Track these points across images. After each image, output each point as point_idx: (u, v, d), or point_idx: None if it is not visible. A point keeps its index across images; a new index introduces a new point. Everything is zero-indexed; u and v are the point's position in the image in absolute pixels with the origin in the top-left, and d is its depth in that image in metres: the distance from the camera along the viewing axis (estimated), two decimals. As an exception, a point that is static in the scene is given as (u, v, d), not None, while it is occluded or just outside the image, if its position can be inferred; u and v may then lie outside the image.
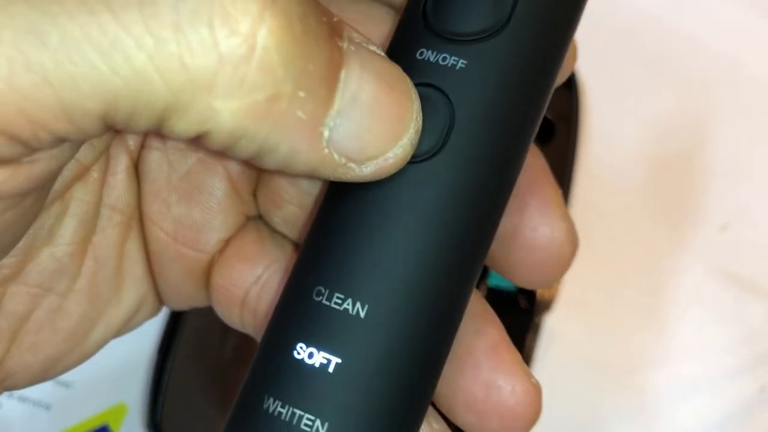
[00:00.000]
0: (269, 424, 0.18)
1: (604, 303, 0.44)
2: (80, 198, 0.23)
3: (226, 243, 0.24)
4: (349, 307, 0.18)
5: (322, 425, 0.18)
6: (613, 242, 0.45)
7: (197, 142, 0.18)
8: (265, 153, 0.18)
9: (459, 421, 0.22)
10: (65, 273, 0.23)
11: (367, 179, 0.19)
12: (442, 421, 0.22)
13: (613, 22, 0.49)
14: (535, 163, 0.22)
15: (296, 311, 0.19)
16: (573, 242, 0.22)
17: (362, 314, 0.18)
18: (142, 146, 0.24)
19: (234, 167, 0.23)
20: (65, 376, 0.38)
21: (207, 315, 0.39)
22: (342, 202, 0.19)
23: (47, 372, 0.24)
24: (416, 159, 0.19)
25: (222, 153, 0.19)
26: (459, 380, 0.21)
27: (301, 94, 0.17)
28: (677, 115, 0.48)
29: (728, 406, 0.43)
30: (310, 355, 0.18)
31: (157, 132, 0.18)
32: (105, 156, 0.23)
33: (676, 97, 0.49)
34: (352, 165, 0.18)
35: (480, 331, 0.22)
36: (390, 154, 0.19)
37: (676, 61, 0.49)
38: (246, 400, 0.19)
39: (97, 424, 0.38)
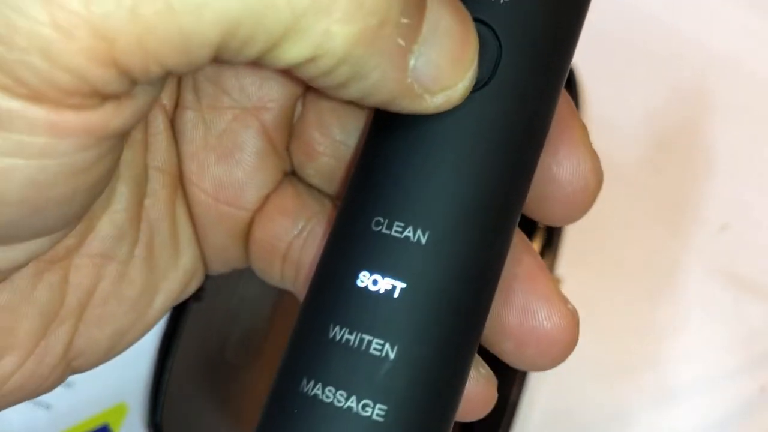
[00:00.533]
0: (338, 352, 0.19)
1: (604, 303, 0.44)
2: (129, 160, 0.22)
3: (266, 199, 0.24)
4: (411, 235, 0.19)
5: (392, 348, 0.19)
6: (613, 242, 0.45)
7: (291, 69, 0.18)
8: (356, 80, 0.18)
9: (496, 349, 0.22)
10: (125, 239, 0.23)
11: (434, 111, 0.19)
12: (487, 366, 0.23)
13: (614, 21, 0.49)
14: (562, 102, 0.22)
15: (356, 241, 0.20)
16: (598, 177, 0.22)
17: (423, 240, 0.19)
18: (176, 106, 0.24)
19: (269, 121, 0.24)
20: (65, 376, 0.38)
21: (207, 315, 0.39)
22: (394, 134, 0.20)
23: (114, 348, 0.24)
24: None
25: (308, 80, 0.19)
26: (495, 307, 0.22)
27: (404, 20, 0.18)
28: (677, 115, 0.48)
29: (728, 406, 0.43)
30: (374, 282, 0.19)
31: (259, 61, 0.18)
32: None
33: (676, 97, 0.49)
34: (427, 96, 0.19)
35: (516, 258, 0.22)
36: (459, 85, 0.19)
37: (677, 61, 0.49)
38: (309, 330, 0.20)
39: (97, 424, 0.38)
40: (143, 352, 0.38)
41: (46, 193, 0.18)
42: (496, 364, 0.23)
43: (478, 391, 0.22)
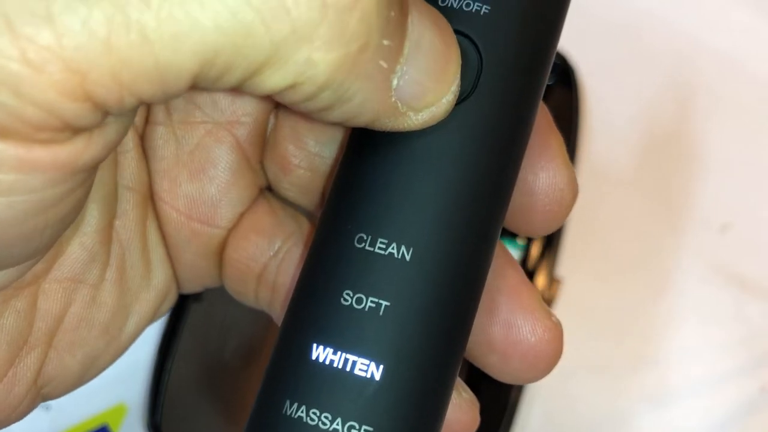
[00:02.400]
0: (322, 373, 0.18)
1: (604, 303, 0.44)
2: (98, 180, 0.22)
3: (240, 217, 0.24)
4: (394, 252, 0.19)
5: (377, 367, 0.18)
6: (613, 242, 0.45)
7: (274, 96, 0.18)
8: (339, 104, 0.18)
9: (481, 363, 0.22)
10: (96, 262, 0.22)
11: (419, 128, 0.19)
12: (470, 390, 0.23)
13: (614, 20, 0.49)
14: (539, 114, 0.22)
15: (339, 260, 0.19)
16: (573, 188, 0.22)
17: (408, 257, 0.19)
18: (146, 122, 0.23)
19: (243, 136, 0.23)
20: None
21: (207, 316, 0.39)
22: (376, 150, 0.20)
23: (85, 374, 0.23)
24: None
25: (289, 105, 0.18)
26: (480, 321, 0.21)
27: (385, 42, 0.17)
28: (678, 114, 0.48)
29: (728, 406, 0.43)
30: (359, 301, 0.19)
31: (239, 88, 0.17)
32: None
33: (677, 96, 0.49)
34: (411, 113, 0.19)
35: (499, 272, 0.22)
36: (443, 100, 0.19)
37: (678, 60, 0.49)
38: (291, 351, 0.19)
39: (97, 424, 0.38)
40: (143, 352, 0.38)
41: (14, 230, 0.17)
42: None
43: (460, 417, 0.22)
